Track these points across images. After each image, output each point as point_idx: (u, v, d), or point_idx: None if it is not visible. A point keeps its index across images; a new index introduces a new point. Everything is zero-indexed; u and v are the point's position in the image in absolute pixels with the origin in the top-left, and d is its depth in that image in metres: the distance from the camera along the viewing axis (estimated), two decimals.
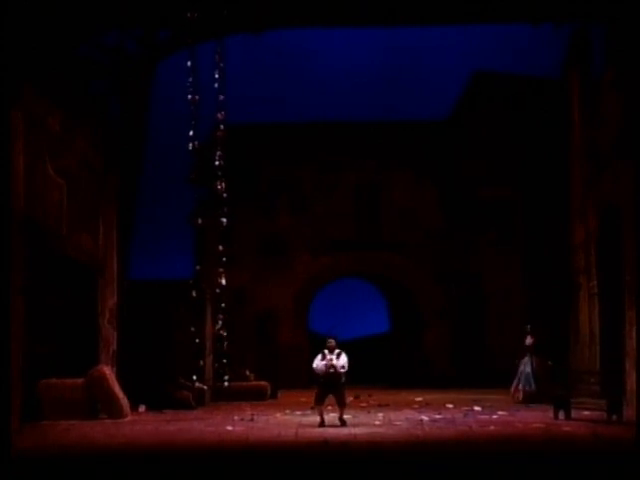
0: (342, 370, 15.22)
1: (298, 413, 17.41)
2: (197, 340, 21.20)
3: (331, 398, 15.40)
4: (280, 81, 50.90)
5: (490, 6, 18.74)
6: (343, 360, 15.27)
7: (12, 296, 12.57)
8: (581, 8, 18.71)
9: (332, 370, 15.11)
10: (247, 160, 29.09)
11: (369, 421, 16.19)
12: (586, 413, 16.35)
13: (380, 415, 17.22)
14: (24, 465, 11.51)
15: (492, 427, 15.21)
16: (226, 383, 21.71)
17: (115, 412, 17.20)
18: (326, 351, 15.33)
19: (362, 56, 51.72)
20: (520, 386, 20.35)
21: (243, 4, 19.28)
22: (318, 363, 15.30)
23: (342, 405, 15.08)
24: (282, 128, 29.87)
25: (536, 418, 16.46)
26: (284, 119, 31.66)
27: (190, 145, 21.65)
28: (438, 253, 29.23)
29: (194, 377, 20.53)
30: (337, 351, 15.31)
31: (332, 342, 15.38)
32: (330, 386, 15.15)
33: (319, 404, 15.13)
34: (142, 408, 18.78)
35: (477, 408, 18.41)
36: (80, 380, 17.28)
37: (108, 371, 17.98)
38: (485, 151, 28.71)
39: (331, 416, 15.29)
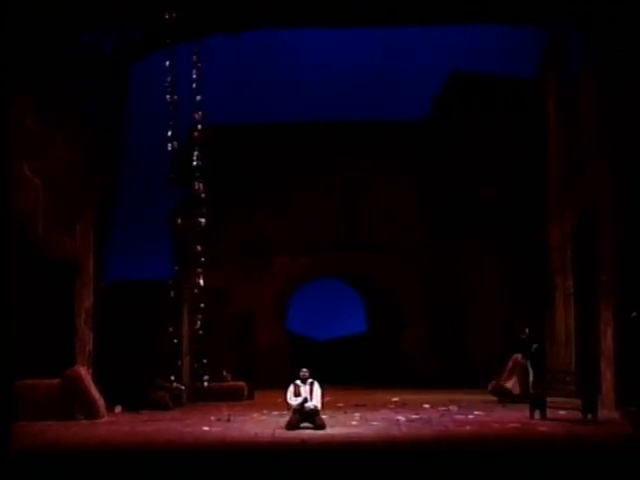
0: (319, 407, 15.18)
1: (275, 413, 17.40)
2: (175, 340, 21.21)
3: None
4: (265, 82, 50.86)
5: (470, 8, 18.86)
6: (317, 393, 15.18)
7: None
8: (560, 10, 18.87)
9: (309, 409, 15.06)
10: (230, 161, 29.05)
11: (346, 421, 16.21)
12: (562, 413, 16.44)
13: (357, 415, 17.25)
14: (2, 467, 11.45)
15: (468, 427, 15.28)
16: (206, 383, 21.72)
17: (91, 413, 17.14)
18: (298, 381, 15.23)
19: (345, 56, 51.76)
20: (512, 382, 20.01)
21: (221, 5, 19.28)
22: (292, 401, 15.14)
23: (322, 429, 14.90)
24: (264, 129, 29.85)
25: (512, 418, 16.53)
26: (266, 120, 31.55)
27: (169, 146, 21.69)
28: (419, 253, 29.29)
29: (172, 377, 20.52)
30: (310, 381, 15.23)
31: (306, 372, 15.30)
32: (307, 417, 15.05)
33: (291, 430, 14.79)
34: (118, 409, 18.73)
35: (453, 408, 18.48)
36: (56, 381, 17.22)
37: (84, 372, 17.93)
38: (468, 151, 28.77)
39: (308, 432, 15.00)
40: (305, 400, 15.03)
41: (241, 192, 29.39)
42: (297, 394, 15.15)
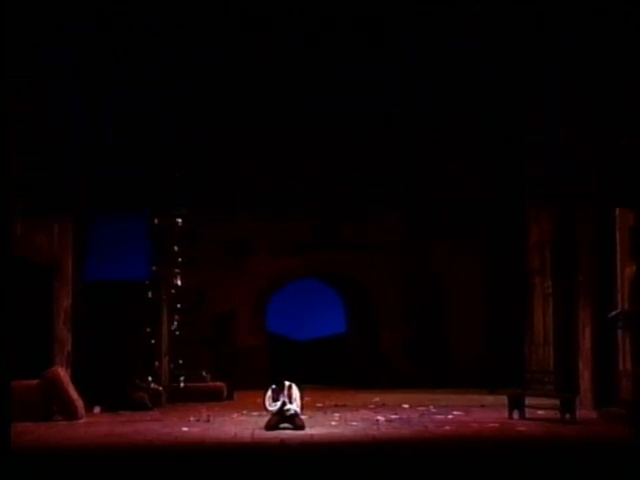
0: (299, 411, 15.20)
1: (255, 414, 17.37)
2: (153, 341, 21.16)
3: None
4: None
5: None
6: (296, 396, 15.19)
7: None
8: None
9: (288, 414, 15.06)
10: (211, 160, 28.92)
11: (325, 421, 16.25)
12: (540, 412, 16.54)
13: (336, 415, 17.28)
14: None
15: (447, 427, 15.33)
16: (182, 384, 21.68)
17: (70, 414, 17.08)
18: (274, 385, 15.26)
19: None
20: None
21: None
22: (271, 407, 15.14)
23: (302, 429, 14.92)
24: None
25: (491, 417, 16.62)
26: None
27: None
28: (400, 253, 29.28)
29: (150, 378, 20.46)
30: (287, 384, 15.26)
31: (283, 381, 15.33)
32: (286, 417, 15.08)
33: (270, 430, 14.82)
34: (97, 409, 18.65)
35: (433, 408, 18.52)
36: (34, 382, 17.13)
37: (63, 372, 17.85)
38: (449, 150, 28.75)
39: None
40: (284, 403, 15.04)
41: (224, 192, 29.27)
42: (275, 399, 15.17)
